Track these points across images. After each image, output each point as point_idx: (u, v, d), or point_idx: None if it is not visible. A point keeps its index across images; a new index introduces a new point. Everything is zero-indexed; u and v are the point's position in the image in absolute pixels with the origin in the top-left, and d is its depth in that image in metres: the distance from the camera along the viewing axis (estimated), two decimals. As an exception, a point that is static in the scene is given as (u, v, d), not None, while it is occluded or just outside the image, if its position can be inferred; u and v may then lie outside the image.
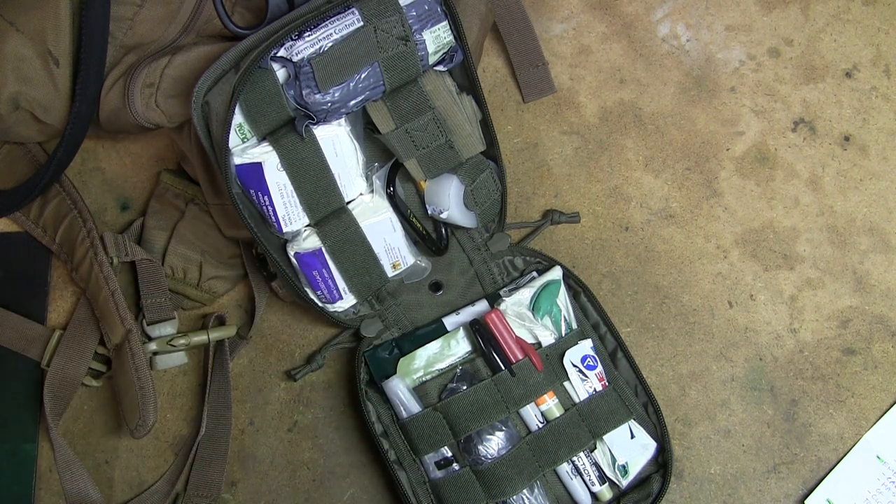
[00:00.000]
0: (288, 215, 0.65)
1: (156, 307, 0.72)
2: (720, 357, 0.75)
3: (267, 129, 0.63)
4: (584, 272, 0.77)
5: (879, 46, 0.83)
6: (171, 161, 0.78)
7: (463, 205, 0.71)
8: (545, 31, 0.83)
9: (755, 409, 0.74)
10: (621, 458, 0.69)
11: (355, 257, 0.68)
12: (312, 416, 0.74)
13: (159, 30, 0.66)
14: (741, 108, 0.81)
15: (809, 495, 0.72)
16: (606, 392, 0.70)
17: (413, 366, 0.70)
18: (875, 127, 0.81)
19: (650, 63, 0.82)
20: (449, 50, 0.66)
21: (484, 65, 0.82)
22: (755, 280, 0.77)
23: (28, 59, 0.63)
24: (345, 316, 0.72)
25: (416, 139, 0.67)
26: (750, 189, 0.79)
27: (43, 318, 0.74)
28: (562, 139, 0.80)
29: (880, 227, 0.78)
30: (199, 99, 0.60)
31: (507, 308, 0.70)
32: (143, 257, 0.72)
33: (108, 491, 0.72)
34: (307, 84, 0.61)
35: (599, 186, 0.79)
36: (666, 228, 0.78)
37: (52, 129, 0.67)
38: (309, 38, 0.60)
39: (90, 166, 0.78)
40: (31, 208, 0.74)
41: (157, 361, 0.72)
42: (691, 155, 0.80)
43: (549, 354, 0.70)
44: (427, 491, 0.69)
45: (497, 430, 0.68)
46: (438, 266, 0.74)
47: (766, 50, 0.82)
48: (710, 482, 0.73)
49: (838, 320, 0.76)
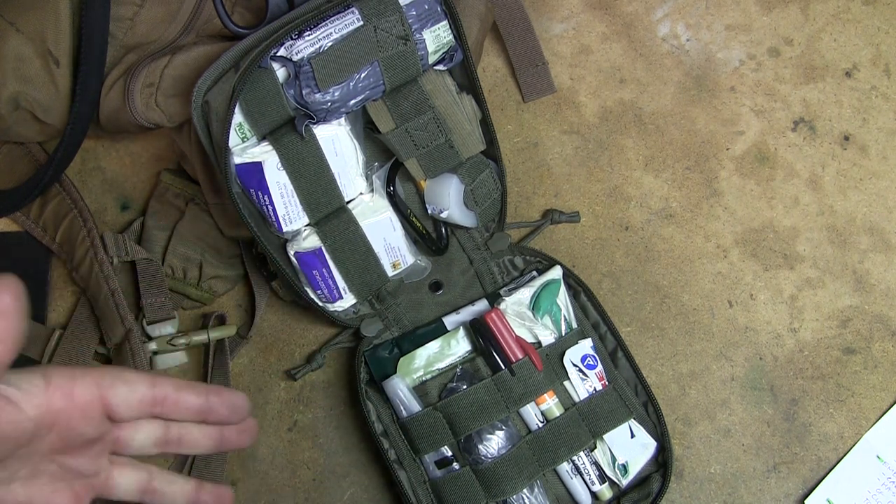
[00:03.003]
0: (288, 215, 0.65)
1: (156, 307, 0.72)
2: (720, 356, 0.75)
3: (267, 128, 0.63)
4: (584, 272, 0.77)
5: (879, 46, 0.83)
6: (171, 161, 0.78)
7: (463, 204, 0.71)
8: (545, 31, 0.83)
9: (755, 409, 0.74)
10: (621, 457, 0.69)
11: (355, 257, 0.68)
12: (312, 416, 0.74)
13: (159, 30, 0.66)
14: (741, 108, 0.81)
15: (809, 495, 0.72)
16: (606, 391, 0.70)
17: (413, 365, 0.70)
18: (875, 126, 0.81)
19: (650, 63, 0.82)
20: (449, 49, 0.66)
21: (484, 64, 0.82)
22: (755, 279, 0.77)
23: (28, 59, 0.63)
24: (345, 315, 0.72)
25: (416, 139, 0.67)
26: (750, 189, 0.79)
27: (43, 318, 0.74)
28: (562, 139, 0.80)
29: (880, 226, 0.78)
30: (198, 98, 0.60)
31: (507, 307, 0.70)
32: (143, 257, 0.72)
33: (109, 490, 0.72)
34: (307, 83, 0.61)
35: (599, 186, 0.79)
36: (666, 228, 0.78)
37: (52, 129, 0.67)
38: (309, 37, 0.61)
39: (90, 166, 0.78)
40: (31, 208, 0.74)
41: (157, 361, 0.72)
42: (691, 154, 0.80)
43: (549, 354, 0.70)
44: (427, 490, 0.69)
45: (497, 429, 0.68)
46: (438, 265, 0.74)
47: (766, 50, 0.83)
48: (710, 481, 0.73)
49: (838, 320, 0.76)
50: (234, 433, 0.50)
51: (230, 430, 0.49)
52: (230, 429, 0.49)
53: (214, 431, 0.49)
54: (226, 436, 0.49)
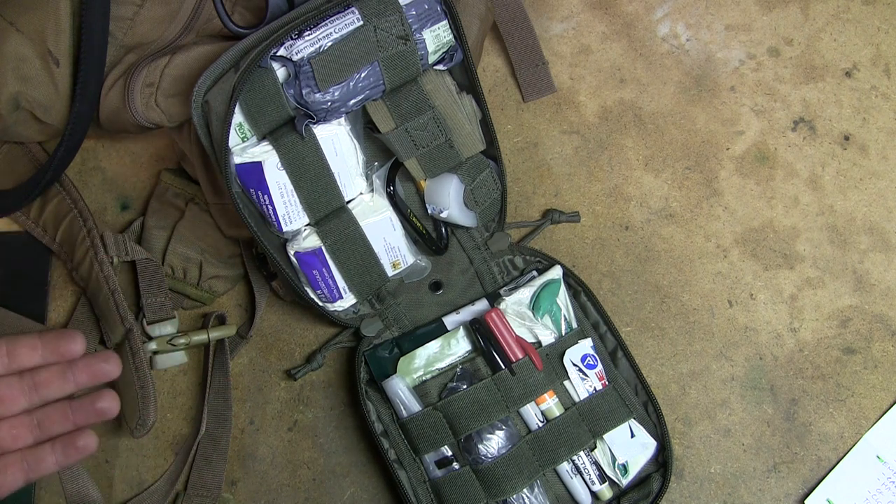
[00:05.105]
0: (288, 214, 0.65)
1: (156, 306, 0.72)
2: (720, 356, 0.75)
3: (267, 128, 0.63)
4: (584, 271, 0.77)
5: (879, 46, 0.83)
6: (171, 161, 0.78)
7: (463, 204, 0.71)
8: (545, 31, 0.83)
9: (755, 409, 0.74)
10: (621, 457, 0.69)
11: (355, 256, 0.68)
12: (312, 416, 0.74)
13: (159, 29, 0.66)
14: (741, 108, 0.81)
15: (809, 495, 0.72)
16: (606, 391, 0.70)
17: (413, 365, 0.70)
18: (875, 126, 0.81)
19: (650, 63, 0.82)
20: (449, 49, 0.66)
21: (484, 64, 0.82)
22: (755, 279, 0.77)
23: (28, 59, 0.63)
24: (345, 315, 0.72)
25: (415, 138, 0.67)
26: (750, 188, 0.79)
27: (43, 318, 0.74)
28: (562, 139, 0.80)
29: (880, 226, 0.78)
30: (198, 98, 0.60)
31: (507, 307, 0.70)
32: (143, 257, 0.72)
33: (108, 490, 0.72)
34: (307, 83, 0.61)
35: (599, 186, 0.79)
36: (666, 228, 0.78)
37: (52, 129, 0.67)
38: (309, 37, 0.61)
39: (90, 166, 0.78)
40: (31, 208, 0.74)
41: (157, 361, 0.72)
42: (691, 154, 0.80)
43: (549, 353, 0.70)
44: (427, 490, 0.69)
45: (497, 429, 0.68)
46: (438, 265, 0.74)
47: (766, 49, 0.83)
48: (711, 481, 0.73)
49: (838, 320, 0.76)
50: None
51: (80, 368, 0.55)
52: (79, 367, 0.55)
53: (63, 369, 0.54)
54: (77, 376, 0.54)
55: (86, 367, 0.55)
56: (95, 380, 0.55)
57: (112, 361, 0.55)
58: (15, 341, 0.54)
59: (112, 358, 0.55)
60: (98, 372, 0.55)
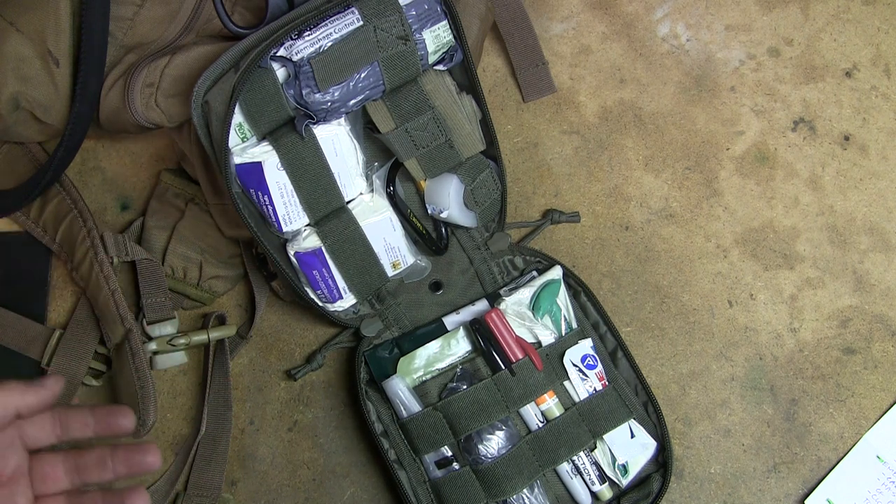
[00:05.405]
0: (288, 215, 0.65)
1: (156, 307, 0.72)
2: (720, 356, 0.75)
3: (267, 128, 0.63)
4: (584, 272, 0.77)
5: (879, 46, 0.83)
6: (171, 161, 0.78)
7: (463, 204, 0.71)
8: (545, 31, 0.83)
9: (755, 409, 0.74)
10: (621, 457, 0.69)
11: (355, 257, 0.68)
12: (312, 416, 0.74)
13: (159, 30, 0.66)
14: (741, 108, 0.81)
15: (809, 495, 0.72)
16: (606, 391, 0.70)
17: (413, 365, 0.70)
18: (875, 126, 0.81)
19: (650, 63, 0.82)
20: (449, 49, 0.66)
21: (484, 64, 0.82)
22: (755, 279, 0.77)
23: (28, 59, 0.63)
24: (345, 315, 0.72)
25: (415, 138, 0.67)
26: (750, 189, 0.79)
27: (43, 318, 0.74)
28: (562, 139, 0.80)
29: (880, 226, 0.78)
30: (198, 98, 0.60)
31: (507, 307, 0.70)
32: (143, 257, 0.72)
33: (109, 490, 0.72)
34: (307, 83, 0.61)
35: (599, 186, 0.79)
36: (666, 228, 0.78)
37: (52, 129, 0.67)
38: (309, 37, 0.61)
39: (90, 166, 0.78)
40: (31, 208, 0.74)
41: (157, 361, 0.72)
42: (691, 154, 0.80)
43: (549, 354, 0.70)
44: (427, 490, 0.69)
45: (497, 429, 0.68)
46: (438, 265, 0.74)
47: (766, 49, 0.83)
48: (711, 481, 0.73)
49: (838, 320, 0.76)
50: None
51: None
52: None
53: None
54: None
55: (126, 458, 0.53)
56: (134, 473, 0.54)
57: (152, 454, 0.54)
58: (67, 413, 0.52)
59: (152, 450, 0.54)
60: (137, 465, 0.53)
